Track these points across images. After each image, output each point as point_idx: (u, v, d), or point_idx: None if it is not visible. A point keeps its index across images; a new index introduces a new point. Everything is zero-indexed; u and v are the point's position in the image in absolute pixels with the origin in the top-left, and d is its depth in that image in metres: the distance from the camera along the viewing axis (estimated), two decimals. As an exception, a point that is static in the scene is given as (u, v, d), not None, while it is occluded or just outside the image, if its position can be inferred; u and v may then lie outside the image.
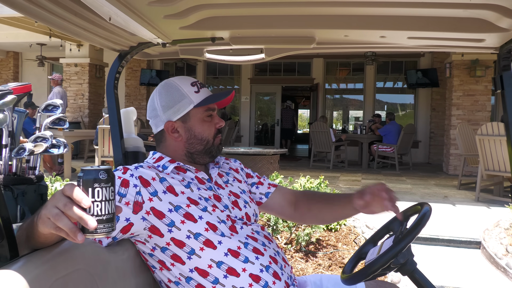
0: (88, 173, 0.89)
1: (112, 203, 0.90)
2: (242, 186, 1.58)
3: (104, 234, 0.89)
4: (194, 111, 1.44)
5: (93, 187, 0.88)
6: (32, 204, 2.13)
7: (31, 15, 1.26)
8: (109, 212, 0.89)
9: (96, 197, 0.88)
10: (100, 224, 0.87)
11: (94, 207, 0.87)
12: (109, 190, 0.89)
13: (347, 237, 4.10)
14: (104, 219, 0.88)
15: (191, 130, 1.45)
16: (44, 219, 0.89)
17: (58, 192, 0.90)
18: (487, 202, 6.38)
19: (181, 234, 1.28)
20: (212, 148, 1.47)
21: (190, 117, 1.45)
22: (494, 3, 1.26)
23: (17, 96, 2.09)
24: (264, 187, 1.68)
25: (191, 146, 1.46)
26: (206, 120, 1.46)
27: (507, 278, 3.61)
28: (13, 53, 14.40)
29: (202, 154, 1.47)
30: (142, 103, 13.73)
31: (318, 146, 10.68)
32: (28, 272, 0.93)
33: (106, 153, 7.13)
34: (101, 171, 0.89)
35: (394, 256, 1.26)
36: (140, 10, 1.35)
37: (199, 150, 1.46)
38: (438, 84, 11.85)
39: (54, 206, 0.87)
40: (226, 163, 1.66)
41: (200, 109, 1.44)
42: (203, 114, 1.45)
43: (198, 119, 1.45)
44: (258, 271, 1.29)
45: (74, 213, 0.85)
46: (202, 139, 1.45)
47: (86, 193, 0.87)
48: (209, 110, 1.46)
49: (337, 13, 1.47)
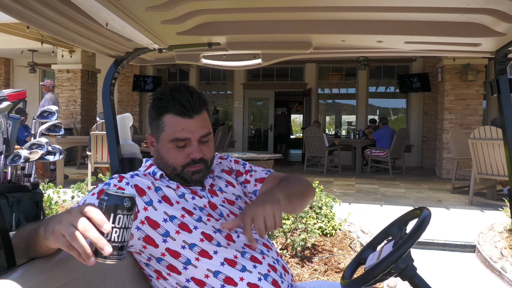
0: (113, 198, 0.88)
1: (128, 231, 0.89)
2: (236, 191, 1.52)
3: (115, 261, 0.88)
4: (163, 135, 1.36)
5: (115, 213, 0.87)
6: (27, 212, 2.10)
7: (28, 21, 1.25)
8: (125, 240, 0.88)
9: (117, 223, 0.87)
10: (114, 251, 0.86)
11: (112, 233, 0.86)
12: (129, 218, 0.89)
13: (343, 242, 4.10)
14: (119, 246, 0.87)
15: (158, 152, 1.40)
16: (57, 235, 0.87)
17: (76, 210, 0.88)
18: (480, 206, 6.41)
19: (176, 244, 1.26)
20: (182, 175, 1.37)
21: (160, 140, 1.38)
22: (491, 8, 1.26)
23: (12, 102, 2.07)
24: (251, 185, 1.57)
25: (160, 166, 1.41)
26: (174, 148, 1.36)
27: (502, 282, 3.62)
28: (4, 60, 14.31)
29: (173, 176, 1.39)
30: (134, 109, 13.69)
31: (311, 151, 10.69)
32: (26, 281, 0.91)
33: (99, 159, 7.08)
34: (126, 198, 0.88)
35: (394, 261, 1.26)
36: (137, 16, 1.34)
37: (167, 172, 1.39)
38: (430, 88, 11.94)
39: (71, 224, 0.86)
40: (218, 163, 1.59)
41: (168, 136, 1.35)
42: (170, 142, 1.35)
43: (165, 145, 1.37)
44: (256, 279, 1.26)
45: (92, 236, 0.84)
46: (167, 164, 1.38)
47: (107, 218, 0.86)
48: (177, 140, 1.34)
49: (334, 18, 1.47)
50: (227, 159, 1.63)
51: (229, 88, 14.78)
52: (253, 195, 1.57)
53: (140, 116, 13.83)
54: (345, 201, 6.31)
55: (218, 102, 15.67)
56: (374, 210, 6.00)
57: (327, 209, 4.24)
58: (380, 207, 6.21)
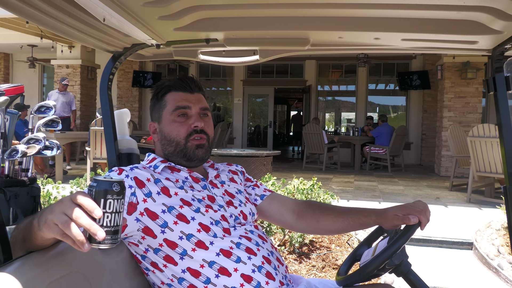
0: (102, 184, 0.88)
1: (120, 215, 0.90)
2: (238, 187, 1.56)
3: (109, 245, 0.88)
4: (165, 111, 1.44)
5: (105, 198, 0.88)
6: (24, 206, 2.11)
7: (25, 15, 1.25)
8: (117, 224, 0.89)
9: (107, 208, 0.88)
10: (107, 235, 0.87)
11: (104, 218, 0.87)
12: (120, 203, 0.89)
13: (340, 238, 4.11)
14: (112, 230, 0.88)
15: (162, 131, 1.46)
16: (50, 224, 0.88)
17: (66, 199, 0.89)
18: (478, 203, 6.42)
19: (173, 235, 1.28)
20: (185, 150, 1.42)
21: (162, 118, 1.46)
22: (487, 5, 1.27)
23: (9, 97, 2.07)
24: (260, 189, 1.65)
25: (164, 148, 1.46)
26: (176, 120, 1.43)
27: (499, 279, 3.63)
28: (3, 55, 14.28)
29: (175, 156, 1.44)
30: (134, 105, 13.68)
31: (311, 148, 10.69)
32: (22, 274, 0.92)
33: (98, 155, 7.08)
34: (115, 183, 0.89)
35: (389, 257, 1.26)
36: (135, 11, 1.34)
37: (170, 151, 1.44)
38: (429, 86, 11.93)
39: (63, 213, 0.86)
40: (226, 165, 1.65)
41: (169, 108, 1.44)
42: (173, 114, 1.43)
43: (168, 119, 1.44)
44: (250, 271, 1.29)
45: (85, 222, 0.85)
46: (170, 140, 1.43)
47: (98, 204, 0.87)
48: (179, 108, 1.43)
49: (332, 14, 1.48)
50: (238, 167, 1.69)
51: (229, 85, 14.77)
52: (259, 198, 1.62)
53: (139, 112, 13.82)
54: (343, 198, 6.32)
55: (218, 98, 15.66)
56: (373, 207, 5.99)
57: (325, 206, 4.24)
58: (378, 204, 6.22)
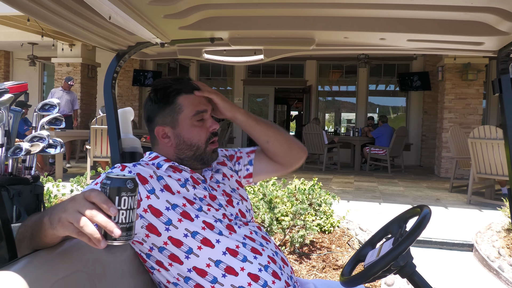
0: (116, 181, 0.89)
1: (134, 211, 0.91)
2: (232, 184, 1.55)
3: (124, 242, 0.89)
4: (183, 116, 1.41)
5: (120, 195, 0.88)
6: (28, 204, 2.10)
7: (31, 13, 1.25)
8: (132, 221, 0.90)
9: (122, 205, 0.88)
10: (123, 232, 0.88)
11: (119, 215, 0.88)
12: (134, 199, 0.90)
13: (341, 239, 4.11)
14: (127, 227, 0.89)
15: (180, 136, 1.42)
16: (65, 223, 0.88)
17: (79, 196, 0.89)
18: (478, 205, 6.42)
19: (178, 232, 1.28)
20: (203, 155, 1.43)
21: (179, 123, 1.42)
22: (494, 6, 1.26)
23: (13, 95, 2.06)
24: (244, 158, 1.65)
25: (181, 152, 1.43)
26: (196, 125, 1.42)
27: (499, 281, 3.63)
28: (3, 52, 14.27)
29: (192, 160, 1.44)
30: (134, 104, 13.67)
31: (311, 148, 10.69)
32: (27, 273, 0.91)
33: (98, 153, 7.07)
34: (128, 180, 0.90)
35: (394, 258, 1.26)
36: (140, 9, 1.34)
37: (189, 156, 1.43)
38: (430, 87, 11.93)
39: (77, 211, 0.86)
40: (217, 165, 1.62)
41: (188, 113, 1.41)
42: (192, 119, 1.42)
43: (187, 124, 1.42)
44: (256, 270, 1.29)
45: (100, 220, 0.85)
46: (191, 145, 1.42)
47: (113, 201, 0.88)
48: (198, 113, 1.42)
49: (337, 14, 1.47)
50: (221, 152, 1.66)
51: (229, 84, 14.76)
52: (249, 165, 1.63)
53: (140, 111, 13.80)
54: (343, 198, 6.32)
55: (218, 98, 15.62)
56: (373, 208, 6.01)
57: (326, 206, 4.25)
58: (378, 205, 6.22)
